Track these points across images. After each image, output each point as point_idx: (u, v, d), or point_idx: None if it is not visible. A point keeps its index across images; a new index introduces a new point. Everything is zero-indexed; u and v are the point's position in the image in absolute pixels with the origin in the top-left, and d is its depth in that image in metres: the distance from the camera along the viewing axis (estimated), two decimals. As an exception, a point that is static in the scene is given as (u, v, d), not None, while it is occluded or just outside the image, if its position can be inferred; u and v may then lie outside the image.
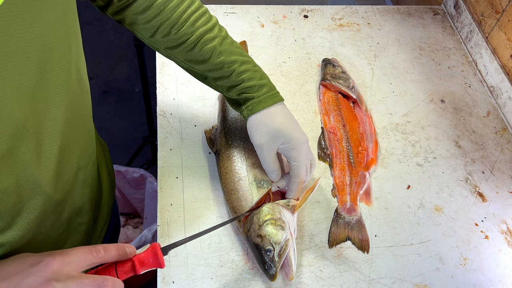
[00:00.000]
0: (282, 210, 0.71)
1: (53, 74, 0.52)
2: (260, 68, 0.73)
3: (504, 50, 1.02)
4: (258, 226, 0.69)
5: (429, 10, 1.23)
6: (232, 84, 0.71)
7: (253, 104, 0.70)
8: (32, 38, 0.47)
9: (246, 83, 0.70)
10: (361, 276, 0.73)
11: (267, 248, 0.67)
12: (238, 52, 0.70)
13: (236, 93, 0.71)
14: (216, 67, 0.69)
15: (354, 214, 0.80)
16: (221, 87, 0.72)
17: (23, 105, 0.49)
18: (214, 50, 0.68)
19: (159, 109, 0.92)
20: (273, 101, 0.70)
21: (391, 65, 1.07)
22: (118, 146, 2.02)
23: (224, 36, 0.70)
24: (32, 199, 0.56)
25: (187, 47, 0.68)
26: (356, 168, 0.85)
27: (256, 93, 0.70)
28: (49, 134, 0.54)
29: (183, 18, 0.67)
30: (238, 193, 0.74)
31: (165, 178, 0.82)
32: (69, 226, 0.67)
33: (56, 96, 0.54)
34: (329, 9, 1.19)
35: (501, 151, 0.93)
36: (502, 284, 0.75)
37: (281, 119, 0.70)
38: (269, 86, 0.71)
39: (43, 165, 0.55)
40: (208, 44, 0.68)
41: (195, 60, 0.70)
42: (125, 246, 0.53)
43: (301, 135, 0.71)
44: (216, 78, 0.71)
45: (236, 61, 0.69)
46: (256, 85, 0.70)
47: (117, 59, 2.41)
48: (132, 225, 1.69)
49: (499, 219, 0.83)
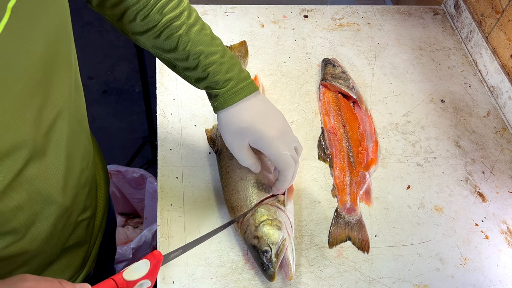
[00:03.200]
0: (277, 210, 0.71)
1: (56, 89, 0.53)
2: (230, 57, 0.68)
3: (504, 50, 1.02)
4: (255, 227, 0.69)
5: (429, 10, 1.23)
6: (199, 77, 0.67)
7: (218, 101, 0.67)
8: (34, 60, 0.46)
9: (212, 77, 0.66)
10: (361, 276, 0.73)
11: (264, 249, 0.67)
12: (205, 42, 0.66)
13: (204, 86, 0.68)
14: (182, 57, 0.66)
15: (354, 214, 0.80)
16: (190, 77, 0.69)
17: (31, 126, 0.49)
18: (180, 39, 0.65)
19: (159, 109, 0.92)
20: (238, 97, 0.67)
21: (391, 65, 1.07)
22: (118, 146, 2.02)
23: (191, 24, 0.66)
24: (44, 210, 0.57)
25: (153, 34, 0.65)
26: (356, 168, 0.85)
27: (221, 90, 0.67)
28: (55, 146, 0.55)
29: (150, 4, 0.64)
30: (239, 193, 0.74)
31: (165, 178, 0.82)
32: (75, 225, 0.68)
33: (60, 109, 0.54)
34: (329, 9, 1.19)
35: (501, 151, 0.93)
36: (502, 284, 0.75)
37: (247, 116, 0.67)
38: (236, 80, 0.67)
39: (52, 176, 0.55)
40: (174, 33, 0.65)
41: (162, 48, 0.67)
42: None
43: (271, 130, 0.67)
44: (184, 68, 0.68)
45: (201, 52, 0.65)
46: (221, 80, 0.66)
47: (117, 59, 2.41)
48: (132, 225, 1.69)
49: (499, 219, 0.83)
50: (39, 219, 0.56)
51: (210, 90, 0.68)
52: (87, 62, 2.35)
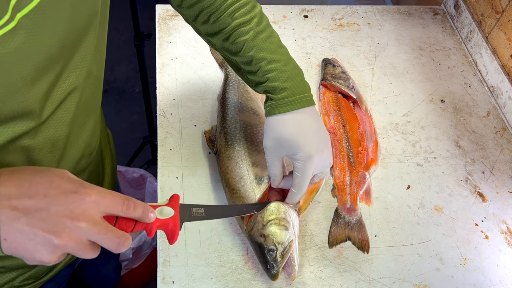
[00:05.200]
0: (287, 210, 0.71)
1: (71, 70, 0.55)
2: (293, 67, 0.70)
3: (504, 50, 1.02)
4: (262, 226, 0.69)
5: (429, 10, 1.23)
6: (259, 81, 0.70)
7: (271, 106, 0.68)
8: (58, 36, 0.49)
9: (270, 83, 0.68)
10: (361, 276, 0.73)
11: (270, 247, 0.67)
12: (269, 49, 0.68)
13: (262, 90, 0.70)
14: (246, 60, 0.69)
15: (354, 214, 0.80)
16: (251, 81, 0.72)
17: (43, 98, 0.52)
18: (246, 43, 0.68)
19: (159, 109, 0.92)
20: (290, 108, 0.67)
21: (391, 65, 1.07)
22: (118, 146, 2.01)
23: (260, 30, 0.68)
24: None
25: (223, 36, 0.69)
26: (356, 168, 0.85)
27: (276, 96, 0.68)
28: (59, 122, 0.57)
29: (223, 7, 0.67)
30: (240, 192, 0.74)
31: (165, 178, 0.82)
32: None
33: (72, 90, 0.57)
34: (329, 9, 1.19)
35: (501, 151, 0.93)
36: (502, 284, 0.75)
37: (292, 129, 0.67)
38: (292, 90, 0.68)
39: (48, 150, 0.58)
40: (241, 37, 0.68)
41: (229, 51, 0.70)
42: (149, 211, 0.51)
43: (309, 149, 0.67)
44: (247, 72, 0.71)
45: (264, 58, 0.68)
46: (278, 87, 0.68)
47: (117, 59, 2.41)
48: (132, 225, 1.68)
49: (499, 219, 0.83)
50: None
51: (267, 94, 0.70)
52: (87, 62, 2.35)
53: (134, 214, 0.49)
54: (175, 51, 1.03)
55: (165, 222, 0.54)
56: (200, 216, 0.60)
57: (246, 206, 0.70)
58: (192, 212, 0.59)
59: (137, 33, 1.45)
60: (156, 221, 0.53)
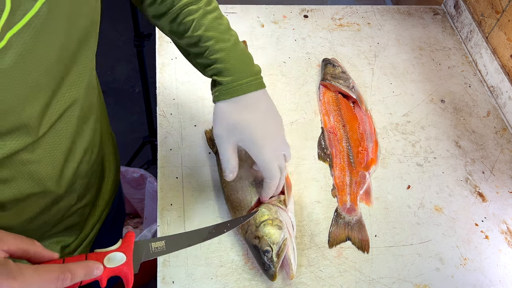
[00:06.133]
0: (278, 210, 0.71)
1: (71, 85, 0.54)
2: (243, 49, 0.66)
3: (504, 50, 1.02)
4: (255, 228, 0.69)
5: (429, 10, 1.23)
6: (206, 63, 0.65)
7: (219, 91, 0.64)
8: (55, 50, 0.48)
9: (218, 64, 0.63)
10: (361, 276, 0.73)
11: (265, 248, 0.67)
12: (218, 29, 0.63)
13: (210, 74, 0.65)
14: (194, 41, 0.64)
15: (354, 214, 0.80)
16: (200, 65, 0.67)
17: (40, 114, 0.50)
18: (194, 22, 0.63)
19: (159, 109, 0.92)
20: (240, 92, 0.63)
21: (391, 65, 1.07)
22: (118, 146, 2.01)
23: (209, 10, 0.64)
24: (33, 192, 0.58)
25: (170, 17, 0.64)
26: (356, 168, 0.85)
27: (224, 79, 0.63)
28: (59, 136, 0.56)
29: None
30: (238, 193, 0.74)
31: (165, 178, 0.82)
32: (67, 212, 0.68)
33: (71, 103, 0.56)
34: (329, 9, 1.19)
35: (501, 151, 0.93)
36: (502, 284, 0.75)
37: (242, 115, 0.64)
38: (242, 73, 0.63)
39: (48, 163, 0.57)
40: (189, 16, 0.63)
41: (177, 33, 0.65)
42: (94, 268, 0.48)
43: (263, 135, 0.64)
44: (195, 54, 0.66)
45: (212, 37, 0.63)
46: (226, 69, 0.63)
47: (117, 59, 2.40)
48: (132, 225, 1.69)
49: (499, 219, 0.83)
50: (27, 200, 0.57)
51: (215, 78, 0.65)
52: (87, 62, 2.35)
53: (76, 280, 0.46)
54: (175, 51, 1.03)
55: (117, 270, 0.51)
56: (160, 250, 0.56)
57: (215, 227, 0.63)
58: (151, 248, 0.56)
59: (137, 33, 1.45)
60: (106, 271, 0.50)
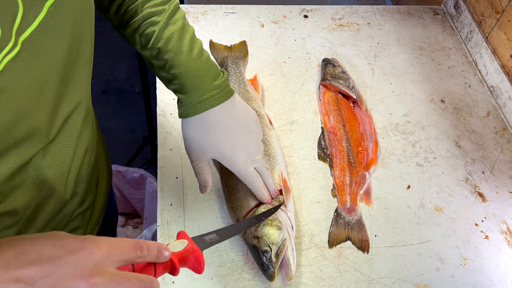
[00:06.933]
0: (277, 211, 0.71)
1: (77, 85, 0.55)
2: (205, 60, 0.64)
3: (504, 50, 1.02)
4: (255, 228, 0.69)
5: (429, 10, 1.23)
6: (167, 77, 0.64)
7: (182, 108, 0.64)
8: (61, 56, 0.49)
9: (177, 80, 0.62)
10: (361, 276, 0.73)
11: (264, 249, 0.67)
12: (180, 41, 0.62)
13: (171, 89, 0.65)
14: (155, 54, 0.63)
15: (354, 214, 0.80)
16: (163, 78, 0.65)
17: (48, 118, 0.51)
18: (155, 34, 0.61)
19: (159, 109, 0.92)
20: (202, 109, 0.62)
21: (391, 65, 1.07)
22: (118, 146, 2.02)
23: (171, 22, 0.62)
24: (44, 198, 0.58)
25: (133, 27, 0.63)
26: (356, 168, 0.85)
27: (185, 96, 0.63)
28: (67, 138, 0.57)
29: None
30: (239, 193, 0.74)
31: (165, 178, 0.82)
32: (70, 217, 0.69)
33: (77, 104, 0.56)
34: (329, 9, 1.19)
35: (501, 151, 0.93)
36: (502, 284, 0.75)
37: (209, 133, 0.64)
38: (203, 89, 0.62)
39: (58, 167, 0.57)
40: (150, 27, 0.61)
41: (140, 43, 0.64)
42: (163, 248, 0.48)
43: (232, 147, 0.65)
44: (158, 67, 0.64)
45: (171, 50, 0.61)
46: (187, 85, 0.62)
47: (117, 59, 2.41)
48: (132, 225, 1.69)
49: (499, 219, 0.83)
50: (38, 205, 0.58)
51: (176, 94, 0.64)
52: (87, 62, 2.35)
53: (150, 257, 0.46)
54: (175, 51, 1.03)
55: (184, 254, 0.52)
56: (215, 240, 0.58)
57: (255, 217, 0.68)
58: (206, 240, 0.57)
59: (137, 33, 1.45)
60: (174, 256, 0.50)
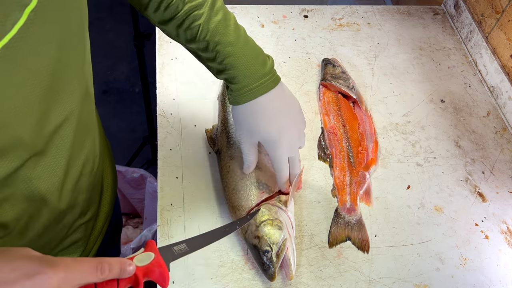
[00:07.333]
0: (278, 210, 0.71)
1: (66, 96, 0.52)
2: (252, 49, 0.67)
3: (504, 50, 1.02)
4: (255, 227, 0.69)
5: (429, 10, 1.23)
6: (218, 69, 0.67)
7: (233, 96, 0.67)
8: (44, 65, 0.46)
9: (229, 70, 0.65)
10: (361, 276, 0.73)
11: (265, 248, 0.67)
12: (225, 32, 0.64)
13: (223, 78, 0.68)
14: (203, 46, 0.65)
15: (354, 214, 0.80)
16: (212, 69, 0.69)
17: (34, 128, 0.49)
18: (200, 28, 0.64)
19: (159, 109, 0.92)
20: (252, 96, 0.66)
21: (391, 65, 1.07)
22: (118, 146, 2.02)
23: (213, 13, 0.64)
24: (36, 209, 0.56)
25: (176, 23, 0.65)
26: (356, 168, 0.85)
27: (236, 85, 0.66)
28: (57, 149, 0.55)
29: None
30: (240, 193, 0.74)
31: (165, 178, 0.82)
32: (70, 228, 0.67)
33: (68, 115, 0.54)
34: (329, 9, 1.19)
35: (501, 151, 0.93)
36: (502, 284, 0.75)
37: (256, 117, 0.67)
38: (253, 77, 0.65)
39: (48, 178, 0.55)
40: (195, 22, 0.64)
41: (185, 38, 0.66)
42: (127, 264, 0.47)
43: (273, 133, 0.68)
44: (206, 59, 0.68)
45: (220, 42, 0.64)
46: (238, 75, 0.65)
47: (117, 59, 2.41)
48: (132, 225, 1.69)
49: (499, 219, 0.83)
50: (30, 217, 0.56)
51: (227, 83, 0.68)
52: (87, 62, 2.35)
53: (112, 275, 0.46)
54: (175, 51, 1.03)
55: (149, 268, 0.51)
56: (184, 251, 0.58)
57: (229, 225, 0.67)
58: (174, 251, 0.57)
59: (137, 33, 1.45)
60: (138, 270, 0.50)
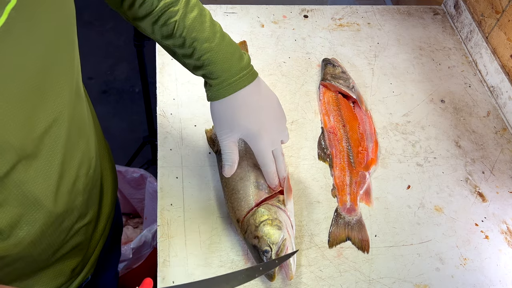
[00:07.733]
0: (278, 210, 0.71)
1: (55, 95, 0.51)
2: (229, 44, 0.66)
3: (504, 50, 1.02)
4: (255, 227, 0.69)
5: (429, 10, 1.23)
6: (195, 65, 0.66)
7: (211, 91, 0.67)
8: (30, 64, 0.45)
9: (208, 66, 0.65)
10: (361, 276, 0.73)
11: (265, 249, 0.67)
12: (201, 28, 0.64)
13: (201, 74, 0.68)
14: (179, 43, 0.65)
15: (354, 214, 0.80)
16: (188, 65, 0.68)
17: (20, 130, 0.47)
18: (176, 24, 0.64)
19: (159, 109, 0.92)
20: (230, 91, 0.66)
21: (391, 65, 1.07)
22: (118, 146, 2.01)
23: (189, 10, 0.64)
24: (31, 214, 0.55)
25: (151, 19, 0.64)
26: (356, 168, 0.85)
27: (215, 80, 0.66)
28: (49, 151, 0.53)
29: None
30: (239, 193, 0.74)
31: (165, 178, 0.82)
32: (70, 232, 0.66)
33: (57, 115, 0.53)
34: (329, 9, 1.19)
35: (501, 151, 0.93)
36: (502, 284, 0.75)
37: (234, 112, 0.67)
38: (230, 72, 0.65)
39: (42, 181, 0.54)
40: (171, 18, 0.63)
41: (160, 34, 0.66)
42: None
43: (257, 125, 0.68)
44: (182, 55, 0.67)
45: (196, 38, 0.64)
46: (216, 70, 0.65)
47: (117, 59, 2.41)
48: (132, 225, 1.69)
49: (499, 219, 0.83)
50: (25, 222, 0.55)
51: (205, 79, 0.68)
52: (87, 62, 2.35)
53: None
54: (175, 51, 1.03)
55: None
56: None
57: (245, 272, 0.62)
58: None
59: (137, 33, 1.45)
60: None
